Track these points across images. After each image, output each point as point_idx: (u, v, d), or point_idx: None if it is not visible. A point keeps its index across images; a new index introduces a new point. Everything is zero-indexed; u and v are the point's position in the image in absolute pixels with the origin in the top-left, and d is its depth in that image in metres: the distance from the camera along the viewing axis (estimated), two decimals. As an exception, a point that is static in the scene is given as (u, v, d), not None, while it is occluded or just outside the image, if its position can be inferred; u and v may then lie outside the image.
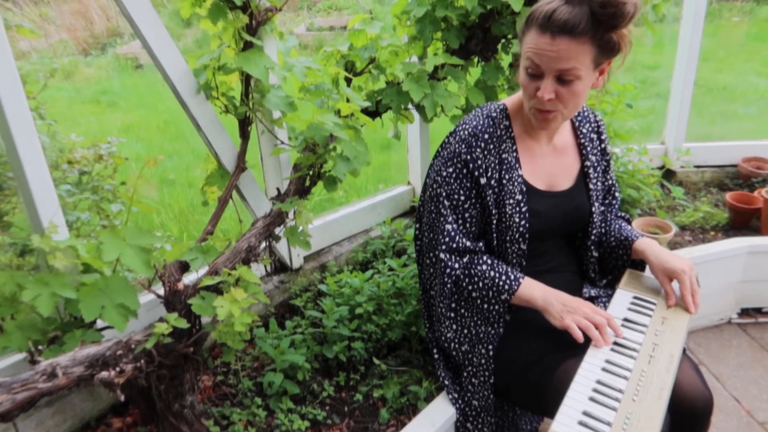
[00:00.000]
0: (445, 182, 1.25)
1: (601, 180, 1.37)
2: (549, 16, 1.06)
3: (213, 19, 1.51)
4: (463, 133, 1.24)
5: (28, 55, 6.62)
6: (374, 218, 2.30)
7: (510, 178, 1.24)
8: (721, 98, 4.26)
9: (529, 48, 1.11)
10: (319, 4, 8.80)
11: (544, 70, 1.11)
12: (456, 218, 1.25)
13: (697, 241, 2.32)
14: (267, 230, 1.46)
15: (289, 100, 1.60)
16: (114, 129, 4.54)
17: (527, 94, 1.17)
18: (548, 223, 1.28)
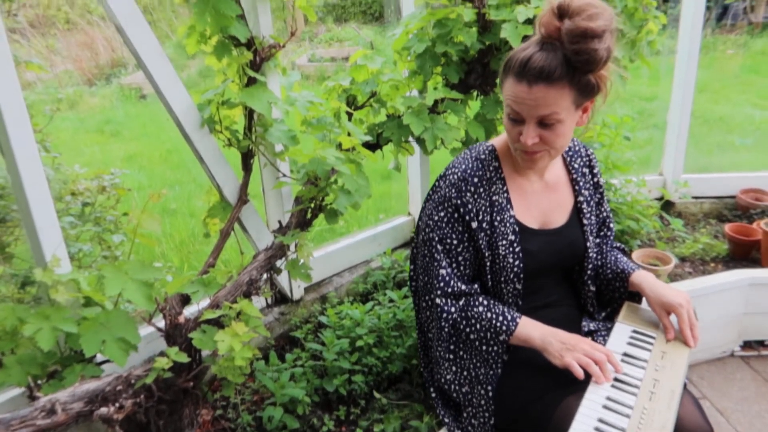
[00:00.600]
0: (437, 227, 1.25)
1: (594, 213, 1.39)
2: (524, 64, 1.08)
3: (218, 55, 1.55)
4: (452, 177, 1.25)
5: (33, 85, 6.73)
6: (375, 249, 2.30)
7: (502, 219, 1.25)
8: (717, 129, 4.31)
9: (508, 96, 1.14)
10: (321, 36, 8.97)
11: (525, 117, 1.13)
12: (450, 262, 1.25)
13: (697, 273, 2.32)
14: (268, 263, 1.46)
15: (292, 133, 1.62)
16: (117, 158, 4.58)
17: (511, 138, 1.20)
18: (543, 262, 1.29)
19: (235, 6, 1.48)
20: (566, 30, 1.05)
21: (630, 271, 1.34)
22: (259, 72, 1.65)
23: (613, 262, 1.39)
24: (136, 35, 1.43)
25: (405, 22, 1.93)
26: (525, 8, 1.75)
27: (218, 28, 1.49)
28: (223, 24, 1.49)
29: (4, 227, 1.87)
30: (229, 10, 1.47)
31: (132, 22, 1.41)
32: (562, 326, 1.23)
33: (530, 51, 1.09)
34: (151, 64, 1.47)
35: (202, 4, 1.45)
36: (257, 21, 1.67)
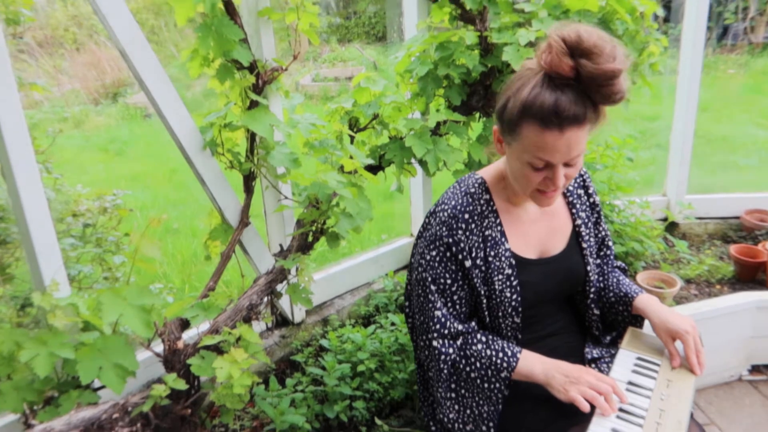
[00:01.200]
0: (430, 266, 1.22)
1: (593, 235, 1.37)
2: (554, 111, 1.00)
3: (220, 79, 1.55)
4: (442, 215, 1.21)
5: (40, 105, 6.79)
6: (377, 271, 2.29)
7: (496, 254, 1.22)
8: (720, 149, 4.30)
9: (531, 145, 1.05)
10: (325, 56, 9.05)
11: (555, 163, 1.07)
12: (445, 302, 1.22)
13: (703, 295, 2.30)
14: (269, 287, 1.45)
15: (294, 156, 1.62)
16: (121, 177, 4.60)
17: (530, 184, 1.12)
18: (542, 292, 1.27)
19: (238, 30, 1.49)
20: (589, 73, 0.99)
21: (633, 295, 1.32)
22: (262, 95, 1.65)
23: (615, 285, 1.37)
24: (139, 58, 1.43)
25: (407, 45, 1.94)
26: (526, 31, 1.76)
27: (221, 52, 1.50)
28: (226, 48, 1.49)
29: (5, 248, 1.86)
30: (231, 35, 1.48)
31: (135, 46, 1.42)
32: (565, 356, 1.20)
33: (549, 95, 1.01)
34: (153, 88, 1.47)
35: (205, 29, 1.46)
36: (260, 44, 1.68)
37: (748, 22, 7.48)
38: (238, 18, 1.53)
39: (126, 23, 1.40)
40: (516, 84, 1.09)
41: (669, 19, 4.03)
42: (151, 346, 1.29)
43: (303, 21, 1.69)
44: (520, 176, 1.13)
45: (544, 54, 1.03)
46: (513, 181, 1.19)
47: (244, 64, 1.53)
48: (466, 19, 1.98)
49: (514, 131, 1.08)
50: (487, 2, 1.93)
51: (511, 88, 1.10)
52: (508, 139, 1.12)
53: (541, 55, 1.04)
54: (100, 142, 5.65)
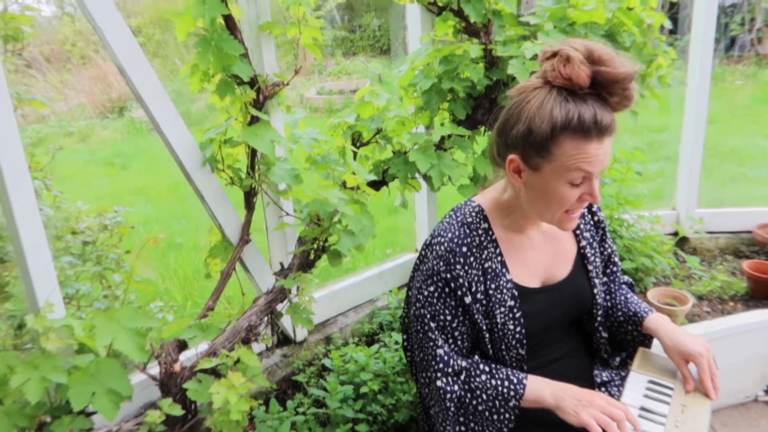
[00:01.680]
0: (428, 302, 1.16)
1: (598, 254, 1.32)
2: (594, 121, 0.99)
3: (220, 94, 1.53)
4: (439, 249, 1.15)
5: (47, 119, 6.84)
6: (381, 287, 2.24)
7: (497, 286, 1.17)
8: (729, 161, 4.25)
9: (573, 159, 1.01)
10: (330, 69, 9.08)
11: (594, 174, 1.03)
12: (446, 339, 1.17)
13: (716, 313, 2.24)
14: (269, 307, 1.41)
15: (295, 172, 1.59)
16: (125, 191, 4.59)
17: (562, 204, 1.07)
18: (547, 321, 1.22)
19: (238, 45, 1.46)
20: (608, 80, 0.99)
21: (643, 315, 1.27)
22: (263, 110, 1.63)
23: (623, 303, 1.32)
24: (137, 74, 1.41)
25: (411, 59, 1.91)
26: (532, 44, 1.73)
27: (221, 67, 1.48)
28: (226, 63, 1.47)
29: (3, 266, 1.84)
30: (231, 49, 1.46)
31: (133, 62, 1.40)
32: (573, 380, 1.15)
33: (582, 106, 0.99)
34: (152, 103, 1.45)
35: (205, 44, 1.44)
36: (261, 59, 1.66)
37: (755, 33, 7.44)
38: (239, 33, 1.51)
39: (123, 38, 1.38)
40: (528, 106, 1.04)
41: (675, 30, 4.00)
42: (147, 368, 1.25)
43: (305, 35, 1.67)
44: (553, 198, 1.06)
45: (560, 66, 1.00)
46: (536, 207, 1.11)
47: (244, 79, 1.51)
48: (470, 32, 1.95)
49: (546, 151, 1.03)
50: (491, 15, 1.90)
51: (524, 111, 1.04)
52: (536, 162, 1.05)
53: (557, 67, 1.00)
54: (105, 156, 5.67)
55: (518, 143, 1.06)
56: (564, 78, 1.00)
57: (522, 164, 1.08)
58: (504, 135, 1.10)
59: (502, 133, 1.12)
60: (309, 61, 9.91)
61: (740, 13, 7.55)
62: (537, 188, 1.09)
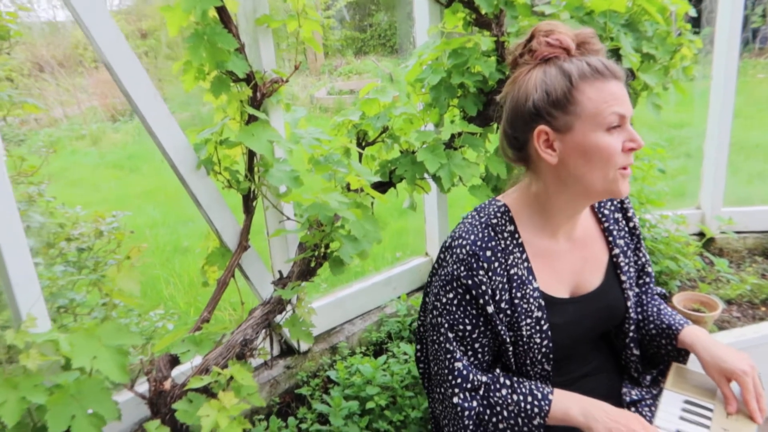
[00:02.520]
0: (446, 310, 1.06)
1: (632, 263, 1.20)
2: (604, 64, 0.98)
3: (215, 92, 1.44)
4: (460, 253, 1.04)
5: (60, 122, 6.86)
6: (389, 293, 2.14)
7: (524, 294, 1.06)
8: (755, 157, 4.08)
9: (601, 102, 0.96)
10: (341, 69, 9.01)
11: (627, 118, 0.98)
12: (465, 351, 1.06)
13: (747, 319, 2.10)
14: (266, 319, 1.32)
15: (295, 174, 1.49)
16: (134, 194, 4.56)
17: (608, 157, 0.97)
18: (575, 334, 1.11)
19: (232, 39, 1.37)
20: (586, 35, 1.02)
21: (678, 327, 1.16)
22: (261, 108, 1.54)
23: (656, 315, 1.21)
24: (125, 71, 1.33)
25: (418, 52, 1.81)
26: (547, 35, 1.62)
27: (214, 63, 1.39)
28: (220, 58, 1.38)
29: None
30: (225, 44, 1.37)
31: (121, 60, 1.32)
32: (600, 398, 1.04)
33: (583, 59, 0.99)
34: (141, 102, 1.37)
35: (197, 38, 1.36)
36: (258, 54, 1.57)
37: (777, 24, 7.21)
38: (233, 26, 1.42)
39: (110, 34, 1.30)
40: (532, 80, 1.01)
41: (696, 23, 3.85)
42: (134, 389, 1.16)
43: (305, 29, 1.58)
44: (596, 153, 0.97)
45: (545, 38, 1.00)
46: (582, 177, 1.00)
47: (240, 76, 1.42)
48: (481, 24, 1.84)
49: (571, 103, 0.98)
50: (503, 5, 1.79)
51: (530, 85, 1.01)
52: (565, 122, 0.98)
53: (542, 41, 1.01)
54: (115, 159, 5.65)
55: (539, 112, 1.00)
56: (553, 46, 0.99)
57: (551, 132, 1.00)
58: (517, 119, 1.04)
59: (514, 121, 1.05)
60: (320, 61, 9.85)
61: (761, 5, 7.33)
62: (575, 151, 0.99)
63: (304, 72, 9.41)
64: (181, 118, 4.08)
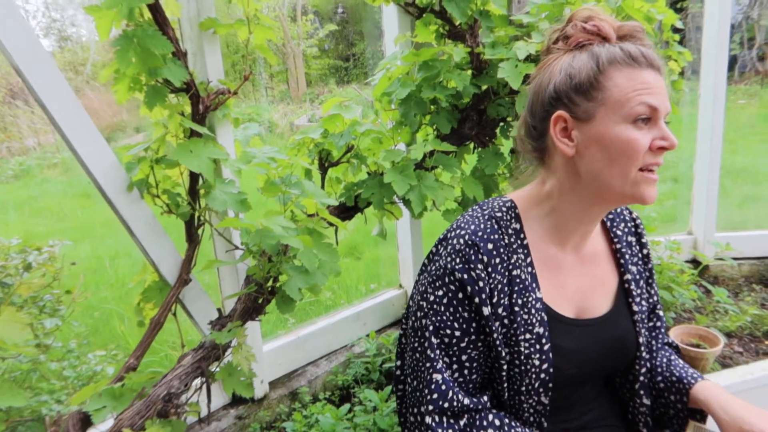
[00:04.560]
0: (433, 310, 0.88)
1: (645, 297, 1.02)
2: (641, 53, 0.84)
3: (149, 104, 1.26)
4: (457, 243, 0.89)
5: (32, 151, 6.65)
6: (358, 330, 1.94)
7: (525, 303, 0.89)
8: (742, 181, 3.98)
9: (631, 89, 0.82)
10: (323, 96, 8.94)
11: (660, 112, 0.83)
12: (449, 363, 0.88)
13: (749, 353, 1.93)
14: (198, 368, 1.11)
15: (242, 197, 1.30)
16: (98, 222, 4.37)
17: (633, 155, 0.82)
18: (581, 365, 0.92)
19: (166, 42, 1.20)
20: (628, 30, 0.88)
21: (691, 382, 0.97)
22: (205, 123, 1.36)
23: (665, 366, 1.02)
24: (38, 75, 1.14)
25: (384, 64, 1.65)
26: (525, 44, 1.47)
27: (146, 70, 1.21)
28: (152, 65, 1.21)
29: None
30: (159, 48, 1.20)
31: (31, 59, 1.14)
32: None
33: (618, 44, 0.85)
34: (57, 111, 1.18)
35: (126, 41, 1.18)
36: (204, 63, 1.40)
37: (755, 51, 7.28)
38: (170, 28, 1.25)
39: (20, 32, 1.12)
40: (558, 63, 0.88)
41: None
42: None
43: (257, 36, 1.42)
44: (619, 148, 0.82)
45: (583, 23, 0.88)
46: (600, 174, 0.85)
47: (176, 85, 1.24)
48: (454, 35, 1.70)
49: (596, 89, 0.84)
50: (478, 15, 1.65)
51: (556, 69, 0.88)
52: (587, 109, 0.85)
53: (579, 25, 0.88)
54: (83, 188, 5.45)
55: (559, 96, 0.87)
56: (589, 32, 0.86)
57: (570, 120, 0.86)
58: (537, 105, 0.91)
59: (534, 107, 0.92)
60: (301, 89, 9.78)
61: (739, 32, 7.41)
62: (595, 142, 0.84)
63: (285, 100, 9.31)
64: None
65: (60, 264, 1.88)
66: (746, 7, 7.37)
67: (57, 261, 1.88)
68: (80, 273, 2.39)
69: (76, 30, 7.35)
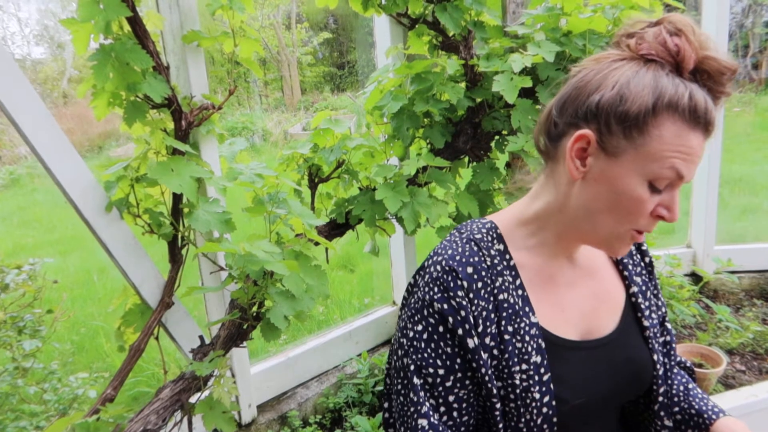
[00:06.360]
0: (413, 348, 0.81)
1: (654, 310, 0.94)
2: (705, 109, 0.74)
3: (128, 120, 1.21)
4: (434, 270, 0.81)
5: (23, 160, 6.59)
6: (350, 350, 1.88)
7: (516, 329, 0.81)
8: (740, 191, 3.94)
9: (676, 147, 0.73)
10: (318, 104, 8.91)
11: (683, 181, 0.76)
12: (435, 405, 0.80)
13: (752, 372, 1.87)
14: (177, 401, 1.05)
15: (226, 217, 1.25)
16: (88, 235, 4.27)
17: (635, 212, 0.76)
18: (589, 393, 0.83)
19: (145, 56, 1.15)
20: (717, 69, 0.75)
21: (713, 418, 0.90)
22: (188, 140, 1.30)
23: (682, 396, 0.95)
24: (7, 91, 1.09)
25: (376, 76, 1.60)
26: (521, 56, 1.43)
27: (125, 85, 1.16)
28: (131, 80, 1.16)
29: None
30: (138, 62, 1.15)
31: (4, 79, 1.08)
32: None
33: (694, 89, 0.74)
34: (29, 127, 1.12)
35: (103, 55, 1.13)
36: (187, 78, 1.35)
37: (750, 59, 7.29)
38: (150, 42, 1.20)
39: (-11, 49, 1.06)
40: (616, 73, 0.76)
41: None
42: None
43: (243, 49, 1.37)
44: (624, 202, 0.76)
45: (668, 36, 0.75)
46: (592, 215, 0.78)
47: (156, 100, 1.19)
48: (448, 47, 1.65)
49: (640, 130, 0.74)
50: (472, 26, 1.61)
51: (611, 77, 0.76)
52: (617, 144, 0.75)
53: (663, 35, 0.76)
54: (74, 198, 5.35)
55: (599, 113, 0.75)
56: (670, 52, 0.74)
57: (595, 144, 0.76)
58: (572, 105, 0.79)
59: (566, 104, 0.80)
60: (296, 97, 9.75)
61: (732, 41, 7.43)
62: (605, 184, 0.76)
63: (280, 107, 9.28)
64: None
65: (41, 283, 1.82)
66: (740, 16, 7.39)
67: (37, 279, 1.82)
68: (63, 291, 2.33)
69: (71, 37, 7.31)
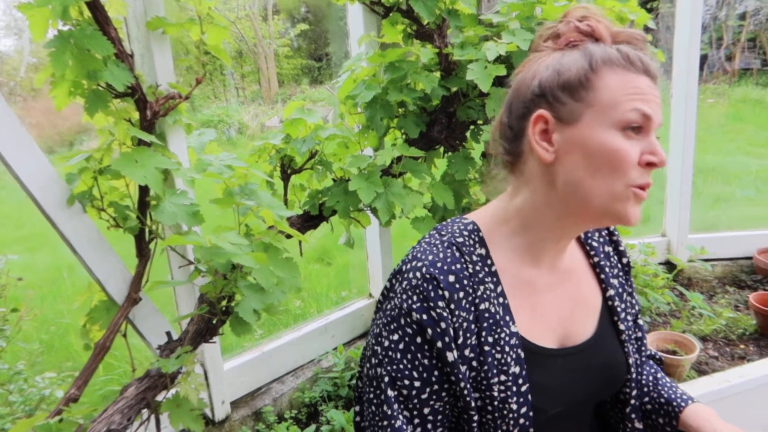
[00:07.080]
0: (388, 358, 0.77)
1: (629, 311, 0.94)
2: (639, 57, 0.76)
3: (90, 110, 1.17)
4: (413, 277, 0.77)
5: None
6: (326, 343, 1.86)
7: (496, 340, 0.78)
8: (713, 180, 4.01)
9: (623, 92, 0.73)
10: (295, 97, 8.82)
11: (653, 123, 0.74)
12: (409, 418, 0.77)
13: (725, 357, 1.90)
14: (143, 399, 1.01)
15: (194, 209, 1.21)
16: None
17: (619, 167, 0.73)
18: (566, 401, 0.83)
19: (106, 43, 1.10)
20: (627, 37, 0.79)
21: (681, 405, 0.91)
22: (154, 130, 1.26)
23: (652, 386, 0.95)
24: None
25: (349, 65, 1.58)
26: (495, 44, 1.41)
27: (85, 73, 1.12)
28: (91, 67, 1.11)
29: None
30: (99, 49, 1.10)
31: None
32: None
33: (615, 47, 0.77)
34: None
35: (61, 42, 1.08)
36: (152, 66, 1.30)
37: (723, 51, 7.41)
38: (112, 28, 1.15)
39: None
40: (546, 60, 0.79)
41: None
42: None
43: (211, 37, 1.33)
44: (605, 157, 0.73)
45: (577, 22, 0.79)
46: (581, 185, 0.75)
47: (118, 89, 1.14)
48: (422, 35, 1.63)
49: (586, 88, 0.75)
50: (446, 14, 1.59)
51: (542, 65, 0.79)
52: (572, 110, 0.75)
53: (573, 23, 0.80)
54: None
55: (543, 93, 0.77)
56: (585, 33, 0.78)
57: (552, 121, 0.76)
58: (517, 102, 0.81)
59: (512, 105, 0.81)
60: (273, 90, 9.63)
61: (707, 33, 7.54)
62: (579, 150, 0.74)
63: (257, 100, 9.16)
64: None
65: (5, 280, 1.76)
66: (714, 8, 7.49)
67: (1, 277, 1.77)
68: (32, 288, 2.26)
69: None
